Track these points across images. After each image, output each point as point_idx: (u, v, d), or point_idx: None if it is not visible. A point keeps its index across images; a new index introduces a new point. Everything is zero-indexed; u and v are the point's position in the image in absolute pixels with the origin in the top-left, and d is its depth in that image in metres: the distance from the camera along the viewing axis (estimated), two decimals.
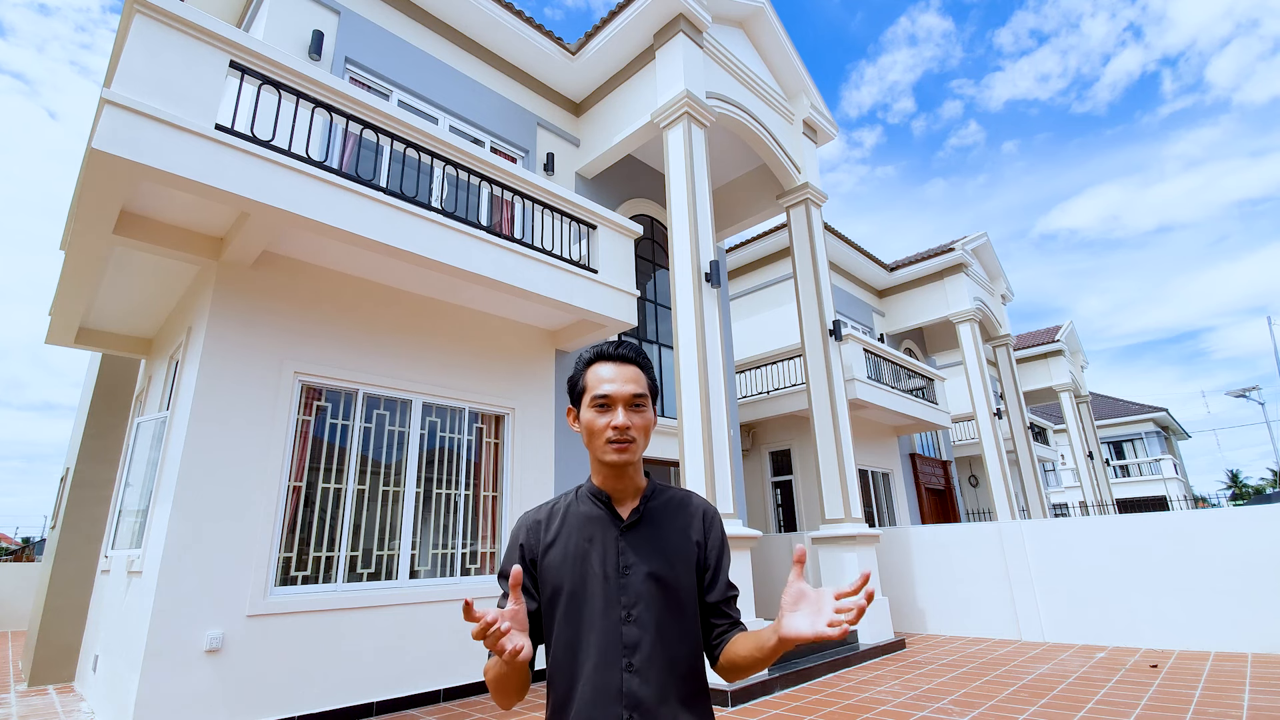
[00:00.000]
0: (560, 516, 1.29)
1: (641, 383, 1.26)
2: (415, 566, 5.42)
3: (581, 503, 1.30)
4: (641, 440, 1.25)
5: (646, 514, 1.27)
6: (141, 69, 3.75)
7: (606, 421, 1.22)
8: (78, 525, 7.01)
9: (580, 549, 1.23)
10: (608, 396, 1.23)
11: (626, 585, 1.20)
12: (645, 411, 1.26)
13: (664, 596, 1.20)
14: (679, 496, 1.33)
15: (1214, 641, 6.29)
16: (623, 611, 1.18)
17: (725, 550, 1.31)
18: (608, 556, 1.22)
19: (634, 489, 1.29)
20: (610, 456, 1.22)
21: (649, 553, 1.23)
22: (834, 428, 7.90)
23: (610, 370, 1.26)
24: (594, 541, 1.24)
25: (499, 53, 7.64)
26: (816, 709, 4.73)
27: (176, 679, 4.01)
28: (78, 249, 4.57)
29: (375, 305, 5.57)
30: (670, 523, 1.28)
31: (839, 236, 12.78)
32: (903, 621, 8.48)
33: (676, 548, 1.25)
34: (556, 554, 1.23)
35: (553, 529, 1.27)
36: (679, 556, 1.25)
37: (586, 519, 1.27)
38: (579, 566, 1.21)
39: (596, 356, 1.29)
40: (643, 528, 1.26)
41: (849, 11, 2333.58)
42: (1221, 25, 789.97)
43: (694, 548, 1.27)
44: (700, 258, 6.38)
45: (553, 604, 1.22)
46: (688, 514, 1.30)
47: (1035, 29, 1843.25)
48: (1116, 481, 29.16)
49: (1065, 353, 18.24)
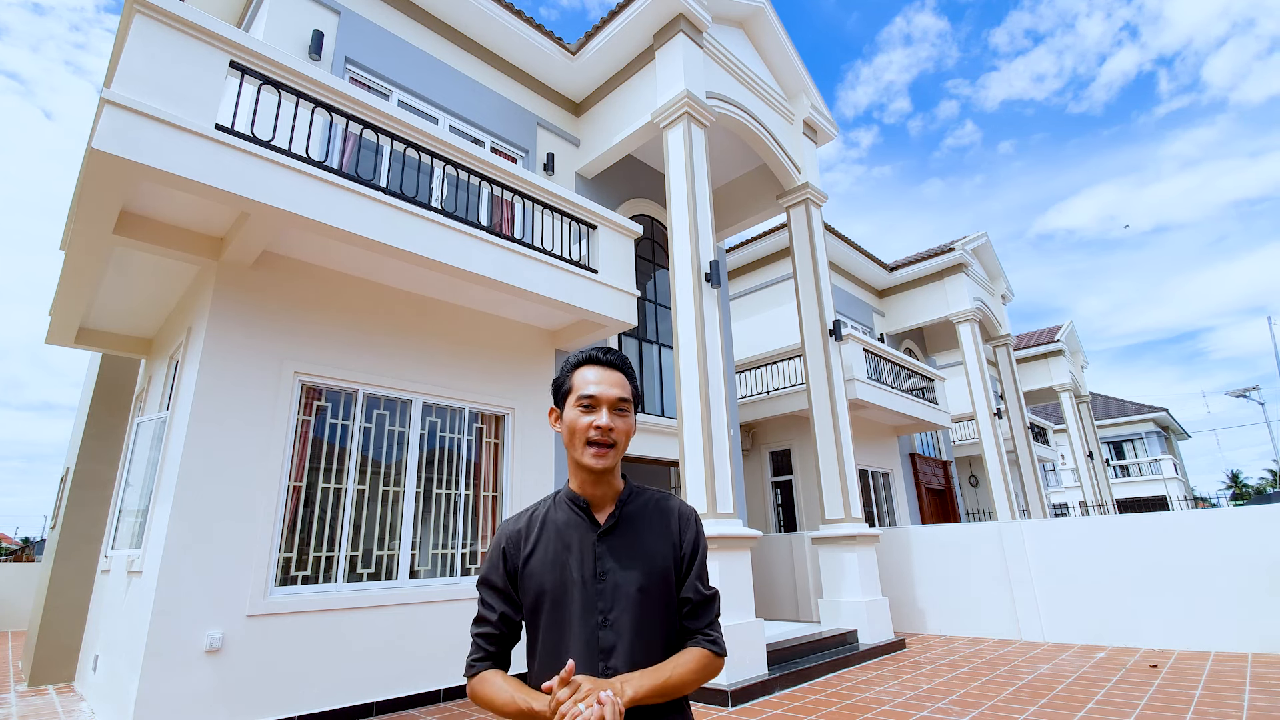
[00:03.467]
0: (539, 524, 1.30)
1: (626, 388, 1.30)
2: (415, 566, 5.42)
3: (559, 509, 1.32)
4: (622, 444, 1.27)
5: (623, 519, 1.29)
6: (141, 69, 3.75)
7: (590, 421, 1.24)
8: (78, 525, 7.01)
9: (559, 556, 1.25)
10: (593, 398, 1.26)
11: (603, 590, 1.22)
12: (628, 417, 1.30)
13: (640, 601, 1.22)
14: (656, 498, 1.35)
15: (1214, 641, 6.29)
16: (599, 616, 1.20)
17: (700, 550, 1.32)
18: (585, 562, 1.24)
19: (612, 493, 1.31)
20: (589, 460, 1.24)
21: (625, 558, 1.25)
22: (834, 428, 7.90)
23: (596, 373, 1.29)
24: (571, 548, 1.26)
25: (499, 53, 7.64)
26: (816, 709, 4.73)
27: (176, 679, 4.01)
28: (78, 249, 4.57)
29: (375, 305, 5.57)
30: (647, 526, 1.30)
31: (839, 236, 12.78)
32: (903, 621, 8.48)
33: (652, 551, 1.27)
34: (536, 562, 1.26)
35: (531, 538, 1.29)
36: (655, 560, 1.26)
37: (564, 525, 1.29)
38: (558, 573, 1.24)
39: (584, 360, 1.32)
40: (619, 533, 1.28)
41: (844, 11, 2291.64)
42: (1218, 25, 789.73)
43: (670, 549, 1.29)
44: (700, 258, 6.38)
45: (535, 611, 1.25)
46: (664, 516, 1.32)
47: (1031, 29, 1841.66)
48: (1116, 481, 29.16)
49: (1065, 353, 18.24)
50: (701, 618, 1.28)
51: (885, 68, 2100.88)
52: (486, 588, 1.30)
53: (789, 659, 6.01)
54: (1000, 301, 15.40)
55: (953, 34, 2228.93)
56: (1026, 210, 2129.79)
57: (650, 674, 1.16)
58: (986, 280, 15.03)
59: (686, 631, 1.27)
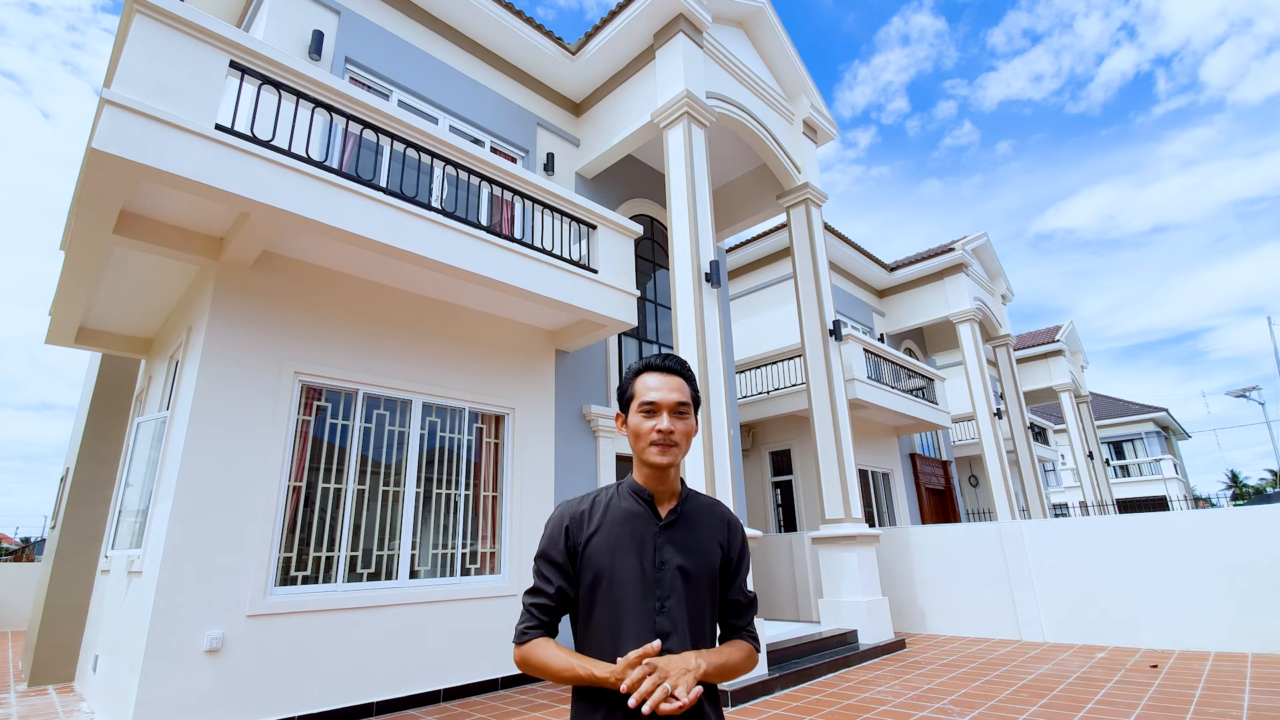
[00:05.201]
0: (602, 509, 1.38)
1: (685, 392, 1.39)
2: (415, 566, 5.42)
3: (623, 498, 1.40)
4: (684, 445, 1.37)
5: (682, 515, 1.39)
6: (141, 69, 3.75)
7: (652, 425, 1.34)
8: (78, 525, 7.01)
9: (622, 541, 1.34)
10: (654, 403, 1.35)
11: (661, 578, 1.31)
12: (688, 419, 1.39)
13: (692, 592, 1.32)
14: (708, 503, 1.46)
15: (1214, 641, 6.29)
16: (656, 603, 1.29)
17: (746, 556, 1.45)
18: (645, 550, 1.33)
19: (671, 491, 1.40)
20: (654, 458, 1.34)
21: (683, 551, 1.34)
22: (834, 428, 7.90)
23: (656, 380, 1.39)
24: (634, 535, 1.35)
25: (499, 53, 7.64)
26: (816, 709, 4.73)
27: (176, 679, 4.01)
28: (78, 249, 4.57)
29: (375, 305, 5.57)
30: (702, 526, 1.40)
31: (839, 236, 12.78)
32: (903, 621, 8.48)
33: (706, 549, 1.37)
34: (599, 543, 1.34)
35: (595, 520, 1.37)
36: (708, 558, 1.37)
37: (628, 514, 1.37)
38: (621, 556, 1.32)
39: (645, 367, 1.42)
40: (679, 527, 1.37)
41: (842, 11, 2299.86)
42: (1215, 24, 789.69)
43: (719, 550, 1.39)
44: (700, 258, 6.38)
45: (594, 588, 1.32)
46: (715, 519, 1.43)
47: (1029, 29, 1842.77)
48: (1116, 481, 29.16)
49: (1065, 353, 18.24)
50: (744, 617, 1.43)
51: (883, 68, 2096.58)
52: (545, 561, 1.37)
53: (789, 659, 6.01)
54: (1000, 301, 15.39)
55: (950, 34, 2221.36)
56: (1025, 210, 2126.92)
57: (714, 654, 1.29)
58: (986, 280, 15.03)
59: (730, 628, 1.42)
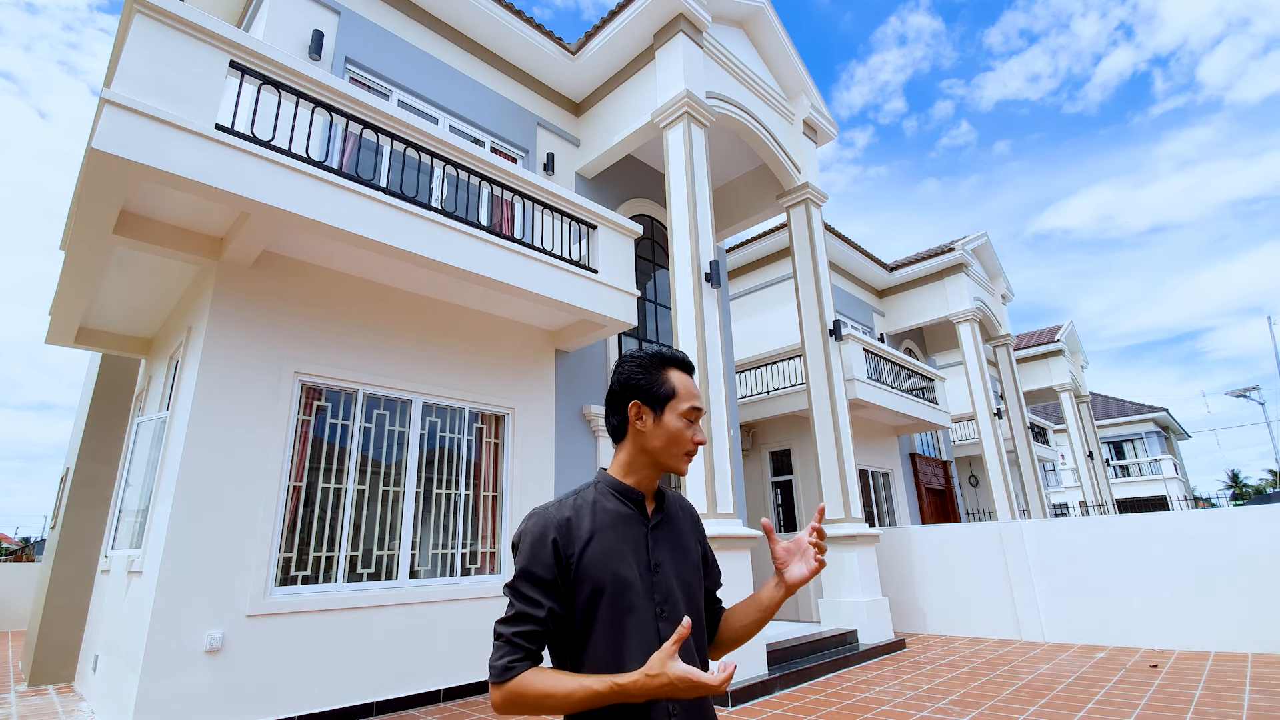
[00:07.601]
0: (589, 514, 1.23)
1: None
2: (415, 566, 5.42)
3: (607, 499, 1.27)
4: None
5: (667, 515, 1.33)
6: (141, 69, 3.75)
7: (693, 434, 1.28)
8: (78, 525, 7.01)
9: (618, 547, 1.21)
10: (700, 412, 1.29)
11: (658, 582, 1.22)
12: None
13: (686, 592, 1.26)
14: (675, 497, 1.41)
15: (1214, 641, 6.29)
16: (656, 608, 1.20)
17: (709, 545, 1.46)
18: (639, 554, 1.23)
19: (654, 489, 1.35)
20: (685, 466, 1.29)
21: (671, 550, 1.29)
22: (834, 428, 7.90)
23: (689, 384, 1.31)
24: (629, 539, 1.24)
25: (499, 53, 7.64)
26: (816, 709, 4.73)
27: (176, 679, 4.01)
28: (78, 249, 4.57)
29: (375, 305, 5.57)
30: (681, 523, 1.36)
31: (839, 236, 12.78)
32: (903, 621, 8.48)
33: (689, 546, 1.34)
34: (596, 552, 1.19)
35: (584, 526, 1.21)
36: (691, 554, 1.33)
37: (618, 516, 1.25)
38: (620, 564, 1.19)
39: (682, 365, 1.32)
40: (664, 526, 1.31)
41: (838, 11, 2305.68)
42: (1212, 24, 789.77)
43: (698, 546, 1.37)
44: (700, 258, 6.38)
45: (594, 602, 1.17)
46: (687, 516, 1.40)
47: (1025, 29, 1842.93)
48: (1116, 481, 29.15)
49: (1065, 353, 18.24)
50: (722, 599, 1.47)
51: (880, 68, 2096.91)
52: (529, 582, 1.17)
53: (789, 659, 6.01)
54: (1000, 301, 15.39)
55: (947, 34, 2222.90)
56: (1023, 210, 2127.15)
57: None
58: (986, 280, 15.02)
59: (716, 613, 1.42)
